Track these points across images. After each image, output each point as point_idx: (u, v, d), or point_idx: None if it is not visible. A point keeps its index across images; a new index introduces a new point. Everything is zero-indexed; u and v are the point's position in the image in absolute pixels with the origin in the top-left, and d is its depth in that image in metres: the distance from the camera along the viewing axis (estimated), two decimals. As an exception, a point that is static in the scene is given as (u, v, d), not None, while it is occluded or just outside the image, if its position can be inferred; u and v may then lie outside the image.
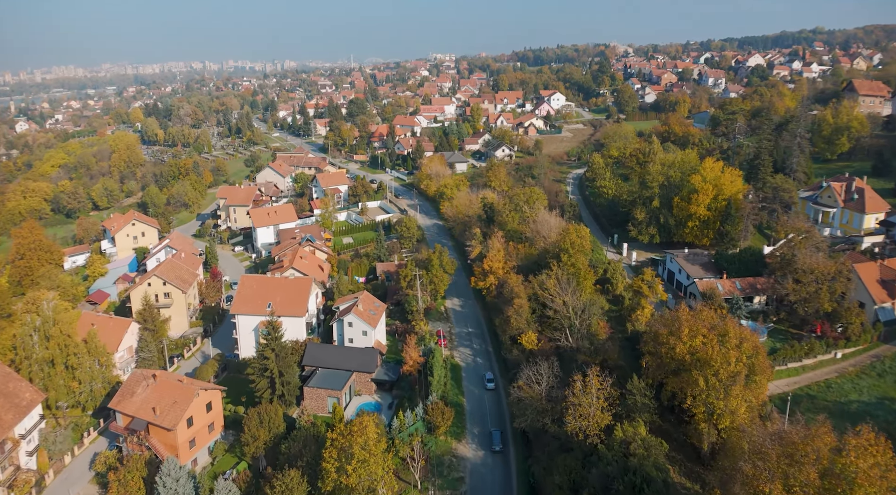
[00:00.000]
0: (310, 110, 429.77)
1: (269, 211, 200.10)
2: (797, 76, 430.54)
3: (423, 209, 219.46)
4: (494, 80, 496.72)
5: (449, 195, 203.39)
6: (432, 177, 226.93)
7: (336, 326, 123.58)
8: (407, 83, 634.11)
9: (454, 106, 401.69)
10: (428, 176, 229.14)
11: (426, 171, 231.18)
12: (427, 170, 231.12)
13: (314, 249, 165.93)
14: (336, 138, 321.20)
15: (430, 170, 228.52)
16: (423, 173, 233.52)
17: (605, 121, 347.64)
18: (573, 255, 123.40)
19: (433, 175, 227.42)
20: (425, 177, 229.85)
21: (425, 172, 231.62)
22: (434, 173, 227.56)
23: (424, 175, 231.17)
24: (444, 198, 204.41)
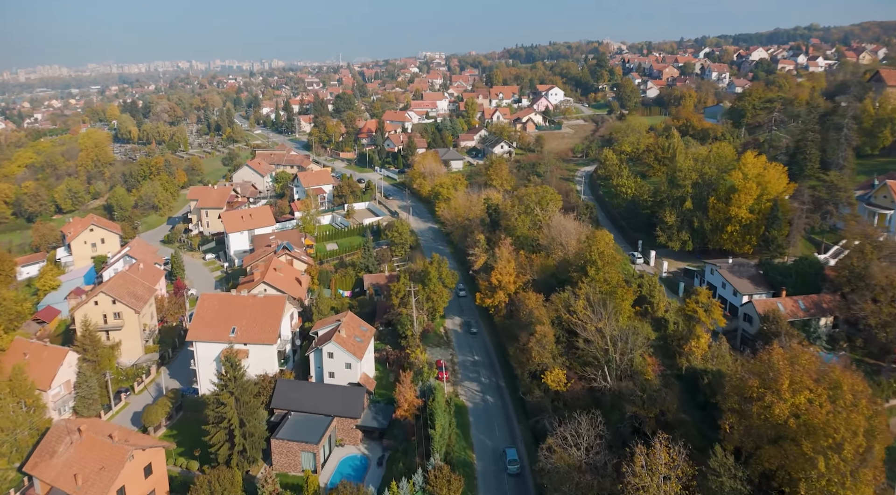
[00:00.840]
0: (294, 106, 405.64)
1: (243, 214, 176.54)
2: (803, 70, 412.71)
3: (417, 211, 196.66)
4: (488, 75, 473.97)
5: (445, 195, 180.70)
6: (426, 176, 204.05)
7: (314, 357, 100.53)
8: (396, 80, 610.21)
9: (446, 101, 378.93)
10: (421, 174, 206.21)
11: (419, 169, 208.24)
12: (420, 168, 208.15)
13: (292, 259, 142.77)
14: (321, 135, 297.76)
15: (424, 168, 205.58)
16: (415, 171, 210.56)
17: (607, 116, 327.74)
18: (602, 268, 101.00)
19: (427, 173, 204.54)
20: (418, 176, 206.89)
21: (418, 170, 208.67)
22: (428, 171, 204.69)
23: (417, 173, 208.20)
24: (439, 199, 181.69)
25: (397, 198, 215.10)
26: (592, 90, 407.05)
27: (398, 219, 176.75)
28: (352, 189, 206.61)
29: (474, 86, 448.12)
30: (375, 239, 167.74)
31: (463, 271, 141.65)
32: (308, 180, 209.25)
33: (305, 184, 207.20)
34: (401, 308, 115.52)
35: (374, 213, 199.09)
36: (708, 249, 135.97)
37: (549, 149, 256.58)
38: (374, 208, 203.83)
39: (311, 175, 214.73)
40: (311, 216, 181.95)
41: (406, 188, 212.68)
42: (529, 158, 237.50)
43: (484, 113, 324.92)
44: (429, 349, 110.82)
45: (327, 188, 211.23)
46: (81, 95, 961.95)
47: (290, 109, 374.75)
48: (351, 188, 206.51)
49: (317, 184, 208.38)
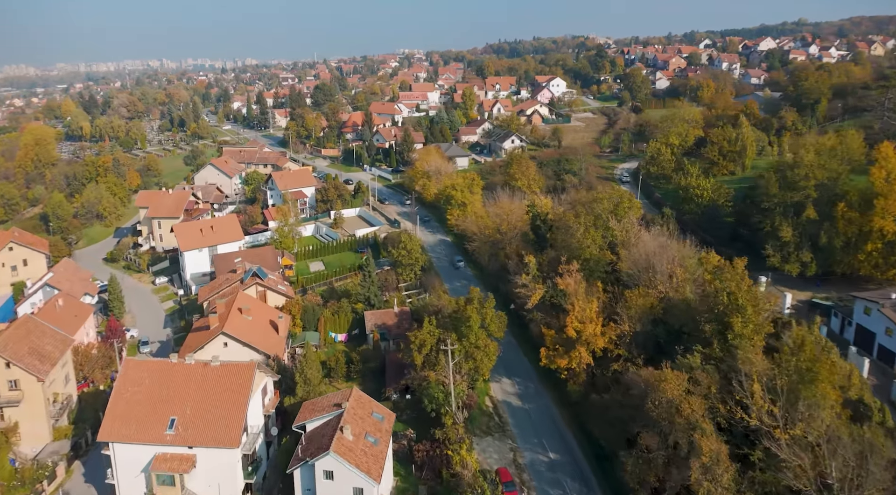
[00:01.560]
0: (268, 100, 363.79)
1: (202, 226, 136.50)
2: (816, 61, 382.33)
3: (421, 218, 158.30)
4: (479, 66, 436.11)
5: (459, 199, 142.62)
6: (430, 176, 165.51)
7: (301, 476, 61.56)
8: (377, 75, 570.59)
9: (437, 93, 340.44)
10: (425, 174, 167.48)
11: (421, 168, 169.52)
12: (423, 166, 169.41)
13: (265, 290, 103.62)
14: (299, 129, 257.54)
15: (428, 167, 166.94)
16: (417, 170, 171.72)
17: (618, 108, 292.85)
18: (750, 319, 63.86)
19: (432, 172, 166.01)
20: (421, 176, 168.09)
21: (420, 169, 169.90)
22: (433, 170, 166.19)
23: (419, 172, 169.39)
24: (452, 205, 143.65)
25: (394, 202, 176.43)
26: (594, 82, 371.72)
27: (401, 231, 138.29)
28: (339, 192, 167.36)
29: (465, 77, 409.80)
30: (374, 256, 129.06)
31: (500, 304, 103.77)
32: (285, 182, 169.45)
33: (282, 186, 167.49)
34: (427, 370, 77.42)
35: (367, 222, 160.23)
36: (833, 274, 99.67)
37: (566, 143, 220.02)
38: (367, 215, 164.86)
39: (289, 175, 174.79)
40: (290, 227, 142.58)
41: (408, 191, 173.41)
42: (547, 154, 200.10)
43: (483, 105, 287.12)
44: (476, 439, 72.62)
45: (308, 191, 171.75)
46: (45, 94, 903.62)
47: (263, 102, 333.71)
48: (338, 191, 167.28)
49: (296, 187, 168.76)
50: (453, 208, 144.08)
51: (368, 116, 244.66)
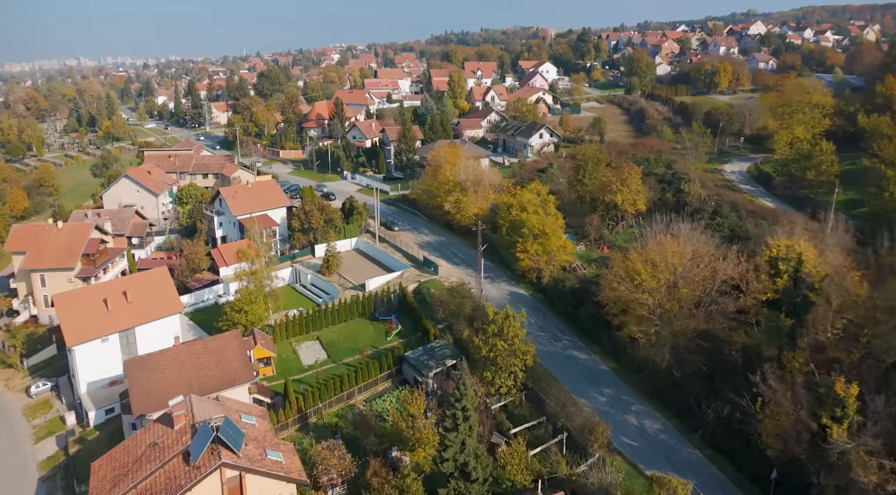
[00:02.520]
0: (201, 92, 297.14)
1: (107, 291, 75.90)
2: (815, 45, 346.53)
3: (456, 253, 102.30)
4: (444, 53, 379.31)
5: (536, 227, 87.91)
6: (465, 187, 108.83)
7: None
8: (319, 66, 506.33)
9: (408, 80, 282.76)
10: (456, 185, 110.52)
11: (448, 175, 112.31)
12: (450, 174, 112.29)
13: (240, 474, 45.38)
14: (247, 124, 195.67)
15: (465, 175, 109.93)
16: (440, 180, 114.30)
17: (628, 96, 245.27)
18: None
19: (467, 182, 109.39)
20: (450, 188, 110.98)
21: (446, 177, 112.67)
22: (470, 179, 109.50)
23: (446, 183, 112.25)
24: (524, 235, 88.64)
25: (406, 225, 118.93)
26: (580, 69, 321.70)
27: (464, 287, 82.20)
28: (327, 215, 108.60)
29: (429, 64, 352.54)
30: (401, 321, 72.61)
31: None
32: (241, 202, 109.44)
33: (237, 208, 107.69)
34: None
35: (375, 263, 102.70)
36: None
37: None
38: (372, 251, 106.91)
39: (246, 193, 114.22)
40: (257, 277, 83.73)
41: (423, 209, 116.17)
42: (589, 153, 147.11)
43: (472, 93, 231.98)
44: None
45: (278, 215, 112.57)
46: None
47: (195, 94, 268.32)
48: (325, 213, 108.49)
49: (258, 209, 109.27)
50: (527, 240, 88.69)
51: (339, 107, 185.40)
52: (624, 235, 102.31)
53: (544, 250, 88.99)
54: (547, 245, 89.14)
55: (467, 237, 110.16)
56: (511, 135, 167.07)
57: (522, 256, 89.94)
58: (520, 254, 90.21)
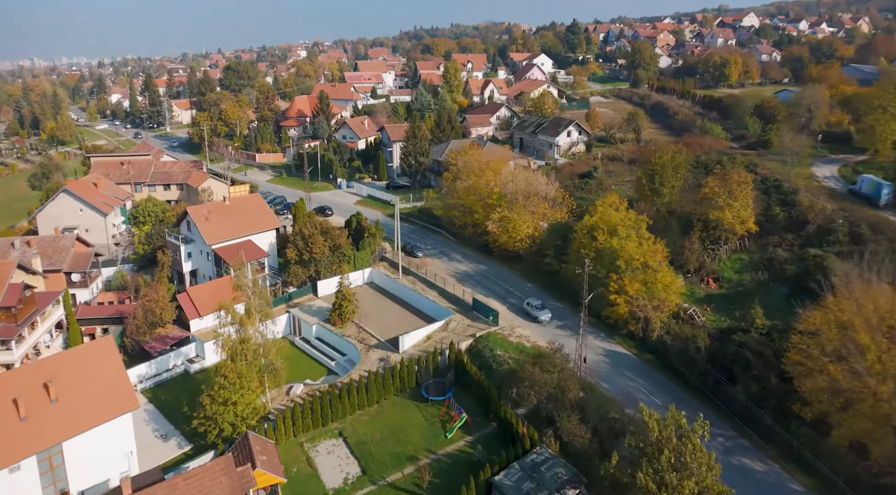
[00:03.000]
0: (160, 88, 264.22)
1: (19, 381, 47.94)
2: (812, 36, 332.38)
3: (502, 288, 76.42)
4: (426, 45, 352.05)
5: (636, 258, 63.01)
6: (513, 204, 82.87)
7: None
8: (286, 62, 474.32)
9: (392, 74, 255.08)
10: (500, 199, 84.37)
11: (494, 187, 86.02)
12: (494, 184, 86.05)
13: None
14: (215, 123, 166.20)
15: (511, 185, 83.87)
16: (476, 191, 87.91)
17: (635, 90, 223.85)
18: None
19: (513, 194, 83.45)
20: (495, 203, 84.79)
21: (488, 189, 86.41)
22: (518, 190, 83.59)
23: (485, 194, 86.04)
24: (619, 270, 63.47)
25: (431, 248, 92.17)
26: (572, 62, 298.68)
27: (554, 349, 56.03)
28: (332, 241, 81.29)
29: (410, 58, 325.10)
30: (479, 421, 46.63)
31: None
32: (215, 225, 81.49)
33: (211, 234, 79.81)
34: None
35: (403, 305, 76.03)
36: None
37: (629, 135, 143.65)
38: (393, 288, 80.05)
39: (221, 211, 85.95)
40: (248, 347, 56.58)
41: (444, 226, 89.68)
42: (667, 155, 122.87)
43: (469, 86, 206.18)
44: None
45: (265, 240, 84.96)
46: None
47: (153, 90, 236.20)
48: (329, 238, 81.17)
49: (238, 233, 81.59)
50: (623, 277, 63.45)
51: (325, 101, 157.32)
52: (731, 264, 77.35)
53: (648, 291, 63.63)
54: (652, 283, 63.83)
55: (515, 265, 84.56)
56: (531, 133, 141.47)
57: (617, 299, 64.47)
58: (613, 297, 64.69)
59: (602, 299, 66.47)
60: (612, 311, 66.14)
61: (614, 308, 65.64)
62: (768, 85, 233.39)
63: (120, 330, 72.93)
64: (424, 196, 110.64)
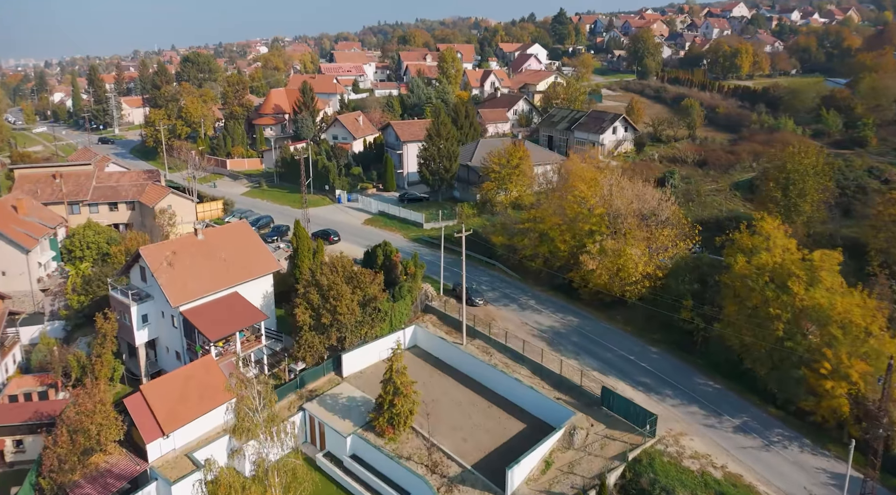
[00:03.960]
0: (108, 84, 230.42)
1: None
2: (804, 28, 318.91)
3: (622, 359, 50.63)
4: (401, 36, 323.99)
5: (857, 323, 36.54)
6: (617, 230, 56.87)
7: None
8: (246, 58, 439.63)
9: (373, 65, 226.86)
10: (600, 222, 58.32)
11: (595, 205, 59.84)
12: (592, 198, 59.99)
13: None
14: (175, 123, 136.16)
15: (617, 203, 57.92)
16: (567, 210, 61.77)
17: (644, 82, 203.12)
18: None
19: (629, 217, 57.47)
20: (593, 229, 58.70)
21: (580, 209, 60.25)
22: (635, 212, 57.67)
23: (577, 215, 59.90)
24: (851, 367, 37.86)
25: (485, 286, 65.52)
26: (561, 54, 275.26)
27: None
28: (361, 290, 54.01)
29: (384, 51, 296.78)
30: None
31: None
32: (183, 274, 53.40)
33: (176, 291, 51.73)
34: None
35: (479, 391, 49.29)
36: None
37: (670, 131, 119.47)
38: (455, 358, 53.37)
39: (188, 249, 57.27)
40: None
41: (496, 252, 63.42)
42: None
43: (468, 77, 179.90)
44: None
45: (257, 291, 57.15)
46: None
47: (99, 86, 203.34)
48: (355, 285, 53.88)
49: (217, 285, 53.77)
50: (839, 352, 38.11)
51: (308, 94, 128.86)
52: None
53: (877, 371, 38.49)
54: (874, 359, 38.96)
55: (616, 315, 59.24)
56: (565, 130, 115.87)
57: (829, 387, 39.37)
58: (825, 384, 39.51)
59: (792, 381, 41.51)
60: (820, 405, 41.02)
61: (825, 400, 40.52)
62: (777, 76, 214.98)
63: (35, 462, 44.70)
64: (457, 212, 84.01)
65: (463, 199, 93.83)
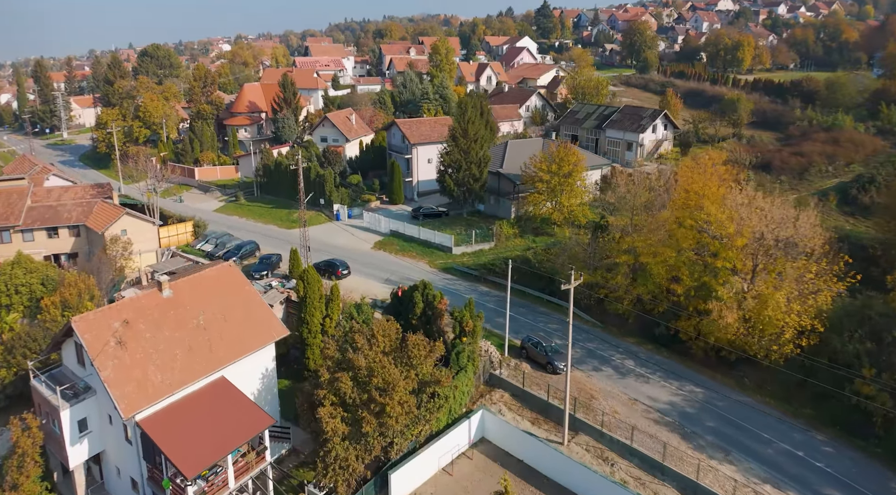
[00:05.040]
0: (58, 83, 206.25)
1: None
2: (793, 21, 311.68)
3: (752, 440, 33.38)
4: (377, 30, 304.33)
5: None
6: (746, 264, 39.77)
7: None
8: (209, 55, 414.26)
9: (352, 59, 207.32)
10: (736, 256, 41.00)
11: (735, 236, 42.49)
12: (728, 223, 42.56)
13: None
14: (130, 124, 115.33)
15: (761, 230, 40.52)
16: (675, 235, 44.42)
17: (644, 76, 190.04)
18: None
19: (767, 250, 40.26)
20: (731, 266, 41.32)
21: (720, 231, 42.94)
22: (779, 240, 40.46)
23: (708, 246, 42.56)
24: None
25: (548, 330, 47.87)
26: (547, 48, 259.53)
27: None
28: (416, 371, 35.93)
29: (359, 45, 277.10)
30: None
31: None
32: (141, 359, 34.97)
33: (127, 389, 33.28)
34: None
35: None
36: None
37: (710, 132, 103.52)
38: (553, 469, 35.68)
39: (149, 316, 38.63)
40: None
41: (556, 287, 45.59)
42: (753, 156, 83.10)
43: (462, 72, 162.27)
44: None
45: (256, 369, 38.47)
46: None
47: (45, 84, 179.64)
48: (408, 366, 35.77)
49: (200, 372, 35.19)
50: None
51: (289, 89, 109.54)
52: None
53: None
54: None
55: (745, 380, 42.48)
56: (595, 128, 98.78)
57: None
58: None
59: None
60: None
61: None
62: (776, 70, 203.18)
63: None
64: (495, 233, 66.19)
65: (491, 214, 76.03)
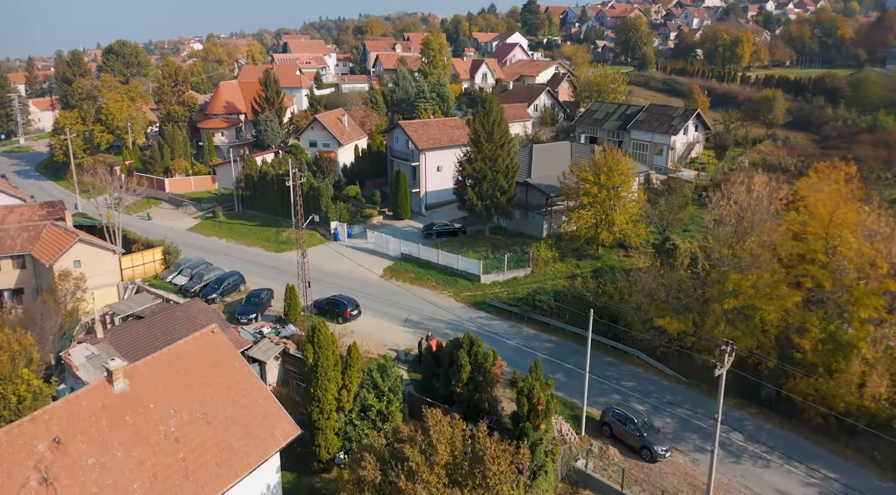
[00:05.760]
0: (18, 85, 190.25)
1: None
2: (783, 18, 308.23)
3: None
4: (358, 26, 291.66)
5: None
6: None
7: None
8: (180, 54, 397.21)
9: (334, 57, 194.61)
10: (879, 303, 30.11)
11: (882, 274, 31.60)
12: (871, 257, 31.70)
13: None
14: (91, 128, 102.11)
15: None
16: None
17: (644, 73, 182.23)
18: None
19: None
20: (872, 310, 30.38)
21: (866, 267, 31.96)
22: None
23: (848, 286, 31.52)
24: None
25: (619, 387, 36.62)
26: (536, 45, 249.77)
27: None
28: (475, 466, 24.55)
29: (339, 43, 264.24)
30: None
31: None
32: (76, 492, 23.11)
33: None
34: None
35: None
36: None
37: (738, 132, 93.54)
38: None
39: (93, 417, 26.54)
40: None
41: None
42: (798, 161, 73.08)
43: (456, 69, 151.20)
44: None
45: (259, 485, 26.67)
46: None
47: (1, 85, 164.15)
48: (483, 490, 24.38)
49: None
50: None
51: (272, 87, 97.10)
52: None
53: None
54: None
55: (875, 454, 30.68)
56: (617, 130, 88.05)
57: None
58: None
59: None
60: None
61: None
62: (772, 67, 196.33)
63: None
64: (531, 256, 54.90)
65: (517, 232, 64.79)
